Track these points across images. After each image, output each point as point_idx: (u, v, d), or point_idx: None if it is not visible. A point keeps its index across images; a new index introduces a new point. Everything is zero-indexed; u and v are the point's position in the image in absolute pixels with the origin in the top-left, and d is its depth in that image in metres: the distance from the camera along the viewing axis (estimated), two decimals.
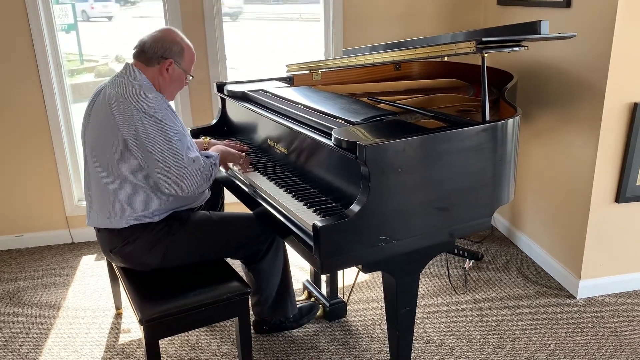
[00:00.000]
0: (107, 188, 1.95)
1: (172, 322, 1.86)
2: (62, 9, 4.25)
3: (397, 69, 2.95)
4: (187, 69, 2.07)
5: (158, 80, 2.02)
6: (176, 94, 2.13)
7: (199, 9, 3.13)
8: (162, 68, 2.00)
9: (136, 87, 1.94)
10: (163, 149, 1.87)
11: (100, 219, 1.99)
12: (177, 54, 2.01)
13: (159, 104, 1.91)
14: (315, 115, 2.00)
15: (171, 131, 1.89)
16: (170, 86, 2.06)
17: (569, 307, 2.63)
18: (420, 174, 1.67)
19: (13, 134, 3.14)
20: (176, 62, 2.02)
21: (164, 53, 1.99)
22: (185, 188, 1.94)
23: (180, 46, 2.02)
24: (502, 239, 3.36)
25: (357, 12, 3.29)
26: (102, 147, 1.93)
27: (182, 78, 2.08)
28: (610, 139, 2.47)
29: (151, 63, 2.00)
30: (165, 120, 1.88)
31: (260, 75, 2.83)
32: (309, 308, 2.47)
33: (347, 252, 1.59)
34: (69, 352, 2.35)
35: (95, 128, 1.96)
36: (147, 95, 1.92)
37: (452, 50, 1.81)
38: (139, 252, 1.99)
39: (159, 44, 1.99)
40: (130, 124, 1.86)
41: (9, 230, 3.32)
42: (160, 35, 2.01)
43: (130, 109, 1.87)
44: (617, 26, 2.29)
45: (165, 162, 1.88)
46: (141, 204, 1.96)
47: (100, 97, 1.96)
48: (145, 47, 1.99)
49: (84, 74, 5.93)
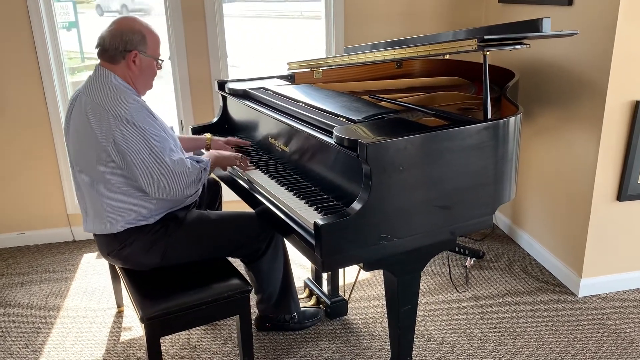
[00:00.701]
0: (96, 195, 1.92)
1: (174, 320, 1.87)
2: (63, 7, 4.25)
3: (399, 66, 2.94)
4: (154, 55, 1.98)
5: (128, 75, 1.94)
6: (152, 82, 2.04)
7: (200, 6, 3.12)
8: (128, 62, 1.91)
9: (111, 91, 1.88)
10: (144, 154, 1.83)
11: (96, 225, 1.97)
12: (139, 43, 1.91)
13: (135, 108, 1.85)
14: (316, 113, 1.99)
15: (150, 135, 1.84)
16: (143, 77, 1.97)
17: (570, 305, 2.63)
18: (422, 172, 1.67)
19: (14, 131, 3.14)
20: (141, 52, 1.92)
21: (125, 46, 1.89)
22: (171, 192, 1.90)
23: (141, 34, 1.91)
24: (503, 237, 3.36)
25: (358, 9, 3.29)
26: (84, 156, 1.90)
27: (153, 65, 1.98)
28: (611, 137, 2.46)
29: (116, 60, 1.91)
30: (143, 125, 1.83)
31: (261, 73, 2.83)
32: (314, 312, 2.47)
33: (348, 250, 1.59)
34: (71, 350, 2.36)
35: (75, 137, 1.92)
36: (122, 100, 1.86)
37: (453, 48, 1.81)
38: (137, 254, 1.98)
39: (118, 38, 1.89)
40: (108, 132, 1.82)
41: (10, 227, 3.32)
42: (117, 27, 1.91)
43: (106, 117, 1.82)
44: (619, 24, 2.28)
45: (148, 168, 1.84)
46: (133, 208, 1.93)
47: (77, 105, 1.91)
48: (105, 45, 1.91)
49: (85, 71, 5.93)
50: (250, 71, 7.22)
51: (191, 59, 3.20)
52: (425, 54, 1.97)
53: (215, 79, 3.12)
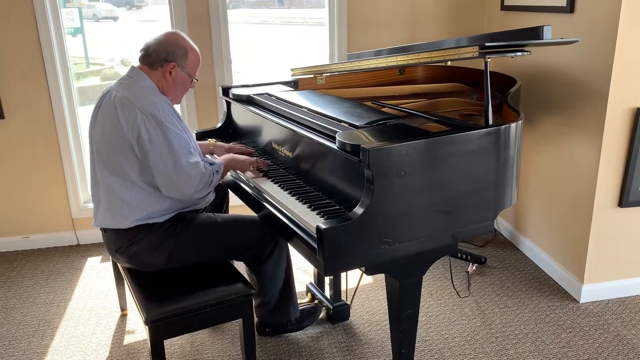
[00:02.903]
0: (112, 189, 1.97)
1: (177, 323, 1.88)
2: (69, 13, 4.28)
3: (401, 73, 2.96)
4: (191, 73, 2.08)
5: (162, 84, 2.03)
6: (182, 97, 2.14)
7: (205, 12, 3.15)
8: (165, 71, 2.01)
9: (141, 90, 1.96)
10: (164, 152, 1.89)
11: (107, 219, 2.01)
12: (180, 58, 2.02)
13: (163, 107, 1.93)
14: (319, 118, 2.01)
15: (173, 135, 1.90)
16: (175, 89, 2.07)
17: (571, 311, 2.63)
18: (424, 178, 1.68)
19: (20, 135, 3.17)
20: (179, 66, 2.03)
21: (167, 56, 2.00)
22: (183, 192, 1.95)
23: (184, 49, 2.03)
24: (505, 243, 3.37)
25: (361, 16, 3.31)
26: (108, 148, 1.96)
27: (187, 81, 2.08)
28: (613, 144, 2.47)
29: (155, 66, 2.01)
30: (167, 124, 1.90)
31: (265, 78, 2.85)
32: (311, 310, 2.48)
33: (350, 255, 1.60)
34: (75, 353, 2.37)
35: (101, 130, 1.98)
36: (151, 97, 1.94)
37: (455, 55, 1.83)
38: (144, 253, 2.01)
39: (163, 48, 2.00)
40: (134, 126, 1.88)
41: (15, 231, 3.35)
42: (164, 38, 2.03)
43: (134, 111, 1.89)
44: (620, 31, 2.30)
45: (165, 166, 1.90)
46: (146, 205, 1.98)
47: (107, 100, 1.98)
48: (149, 51, 2.01)
49: (90, 77, 5.96)
50: (254, 77, 7.25)
51: None
52: (427, 60, 1.99)
53: (220, 84, 3.14)
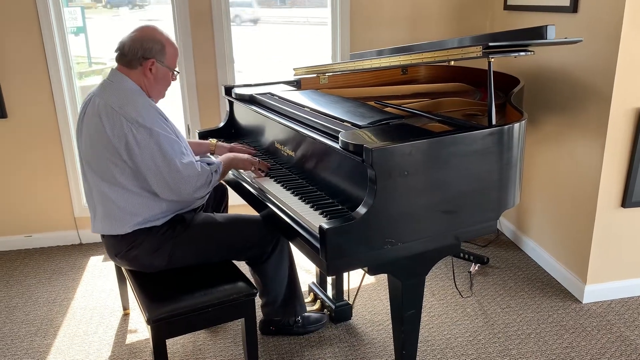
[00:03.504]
0: (107, 196, 1.95)
1: (179, 322, 1.88)
2: (71, 12, 4.29)
3: (404, 73, 2.96)
4: (171, 66, 2.02)
5: (143, 82, 1.97)
6: (165, 91, 2.08)
7: (207, 12, 3.15)
8: (145, 69, 1.95)
9: (124, 94, 1.91)
10: (155, 156, 1.86)
11: (104, 226, 1.99)
12: (158, 52, 1.95)
13: (148, 111, 1.89)
14: (322, 118, 2.01)
15: (162, 138, 1.87)
16: (157, 86, 2.01)
17: (574, 311, 2.63)
18: (426, 177, 1.68)
19: (23, 134, 3.18)
20: (159, 61, 1.96)
21: (144, 53, 1.93)
22: (181, 194, 1.94)
23: (161, 43, 1.96)
24: (508, 243, 3.36)
25: (364, 16, 3.31)
26: (96, 157, 1.92)
27: (168, 75, 2.02)
28: (616, 144, 2.47)
29: (133, 65, 1.95)
30: (154, 128, 1.86)
31: (267, 78, 2.85)
32: (318, 318, 2.48)
33: (353, 254, 1.60)
34: (77, 352, 2.38)
35: (88, 139, 1.95)
36: (134, 102, 1.89)
37: (458, 55, 1.82)
38: (144, 256, 2.01)
39: (138, 44, 1.93)
40: (120, 134, 1.85)
41: (18, 230, 3.35)
42: (138, 35, 1.95)
43: (119, 119, 1.85)
44: (624, 31, 2.29)
45: (159, 170, 1.88)
46: (142, 209, 1.96)
47: (90, 107, 1.94)
48: (124, 50, 1.94)
49: (92, 76, 5.97)
50: (256, 76, 7.26)
51: (198, 64, 3.23)
52: (430, 60, 1.98)
53: (222, 84, 3.14)
